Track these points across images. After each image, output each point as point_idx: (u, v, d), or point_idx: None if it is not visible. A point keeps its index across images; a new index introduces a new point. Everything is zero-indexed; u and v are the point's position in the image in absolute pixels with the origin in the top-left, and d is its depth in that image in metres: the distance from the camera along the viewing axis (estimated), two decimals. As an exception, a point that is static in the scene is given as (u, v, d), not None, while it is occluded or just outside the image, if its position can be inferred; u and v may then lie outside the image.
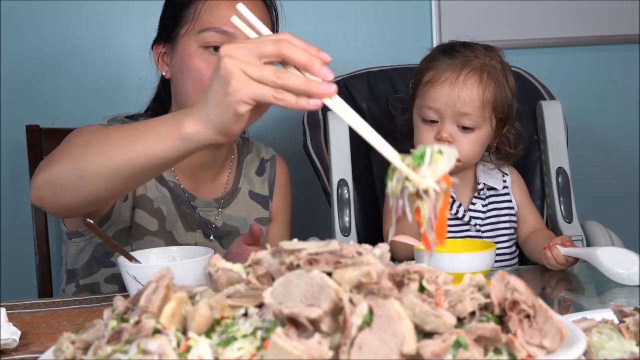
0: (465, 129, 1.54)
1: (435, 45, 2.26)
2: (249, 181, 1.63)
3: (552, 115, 1.77)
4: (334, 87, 0.93)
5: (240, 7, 0.98)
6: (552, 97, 1.84)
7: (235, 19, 0.99)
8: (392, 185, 0.79)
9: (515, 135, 1.64)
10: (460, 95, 1.52)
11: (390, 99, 1.83)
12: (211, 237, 1.54)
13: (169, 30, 1.48)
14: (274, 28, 1.53)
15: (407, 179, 0.77)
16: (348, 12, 2.28)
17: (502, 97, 1.56)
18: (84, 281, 1.50)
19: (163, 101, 1.56)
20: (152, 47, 1.53)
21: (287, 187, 1.71)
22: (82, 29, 2.18)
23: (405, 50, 2.22)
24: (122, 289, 1.46)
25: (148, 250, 1.25)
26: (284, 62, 0.94)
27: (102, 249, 1.48)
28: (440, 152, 0.76)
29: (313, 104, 0.93)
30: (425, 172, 0.77)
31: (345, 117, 0.91)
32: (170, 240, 1.49)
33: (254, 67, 0.92)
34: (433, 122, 1.55)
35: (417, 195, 0.77)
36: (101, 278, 1.49)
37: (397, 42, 2.29)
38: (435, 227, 0.79)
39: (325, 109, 1.79)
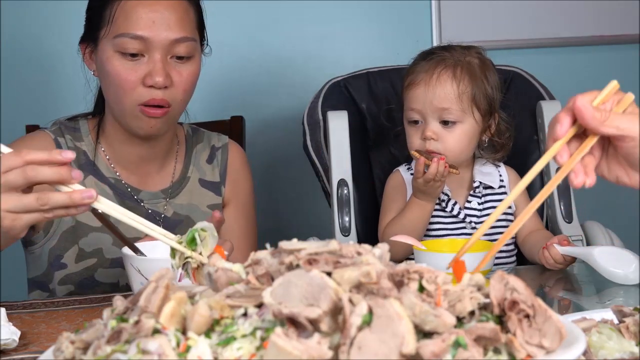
0: (447, 124, 1.57)
1: (435, 45, 2.26)
2: (199, 169, 1.60)
3: (552, 115, 1.76)
4: (93, 193, 0.99)
5: None
6: (552, 97, 1.84)
7: None
8: (175, 261, 0.97)
9: (504, 125, 1.66)
10: (435, 92, 1.57)
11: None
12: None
13: (92, 30, 1.46)
14: (202, 26, 1.50)
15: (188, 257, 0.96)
16: (348, 12, 2.28)
17: (480, 89, 1.58)
18: (52, 285, 1.50)
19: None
20: (80, 44, 1.51)
21: (244, 171, 1.66)
22: (82, 29, 2.18)
23: (405, 50, 2.22)
24: (77, 288, 1.45)
25: (155, 242, 1.25)
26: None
27: (54, 254, 1.47)
28: (203, 229, 0.96)
29: (81, 210, 1.01)
30: (201, 250, 0.96)
31: (112, 213, 1.01)
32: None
33: (15, 201, 1.00)
34: (417, 123, 1.60)
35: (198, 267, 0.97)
36: (56, 282, 1.48)
37: (397, 42, 2.30)
38: None
39: (324, 109, 1.80)
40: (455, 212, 1.62)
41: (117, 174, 1.52)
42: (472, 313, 0.69)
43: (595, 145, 0.92)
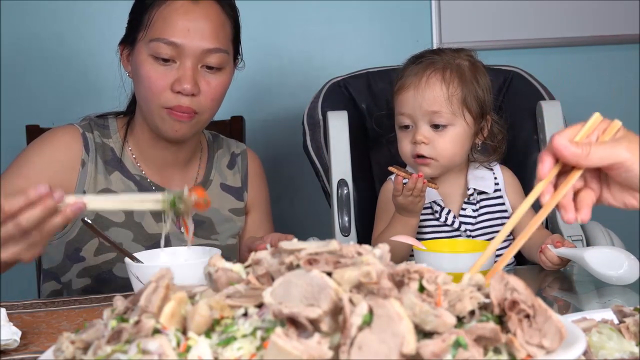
0: (438, 127, 1.56)
1: (435, 45, 2.26)
2: (221, 174, 1.64)
3: (552, 115, 1.77)
4: (81, 204, 1.08)
5: None
6: (552, 97, 1.84)
7: None
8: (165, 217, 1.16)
9: (497, 127, 1.65)
10: (424, 95, 1.56)
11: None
12: (182, 229, 1.55)
13: (131, 32, 1.50)
14: (237, 37, 1.53)
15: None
16: (348, 13, 2.28)
17: (470, 91, 1.57)
18: (64, 278, 1.52)
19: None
20: (119, 45, 1.54)
21: (262, 178, 1.72)
22: (82, 28, 2.18)
23: (405, 50, 2.23)
24: (94, 282, 1.48)
25: (160, 249, 1.27)
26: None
27: (72, 246, 1.49)
28: (179, 197, 1.16)
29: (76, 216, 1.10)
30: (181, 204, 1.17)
31: (105, 205, 1.19)
32: (139, 231, 1.51)
33: (22, 245, 1.06)
34: (408, 127, 1.59)
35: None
36: (73, 274, 1.50)
37: (397, 42, 2.30)
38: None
39: (324, 109, 1.80)
40: (449, 222, 1.61)
41: (143, 172, 1.55)
42: (472, 313, 0.69)
43: (590, 179, 0.90)
